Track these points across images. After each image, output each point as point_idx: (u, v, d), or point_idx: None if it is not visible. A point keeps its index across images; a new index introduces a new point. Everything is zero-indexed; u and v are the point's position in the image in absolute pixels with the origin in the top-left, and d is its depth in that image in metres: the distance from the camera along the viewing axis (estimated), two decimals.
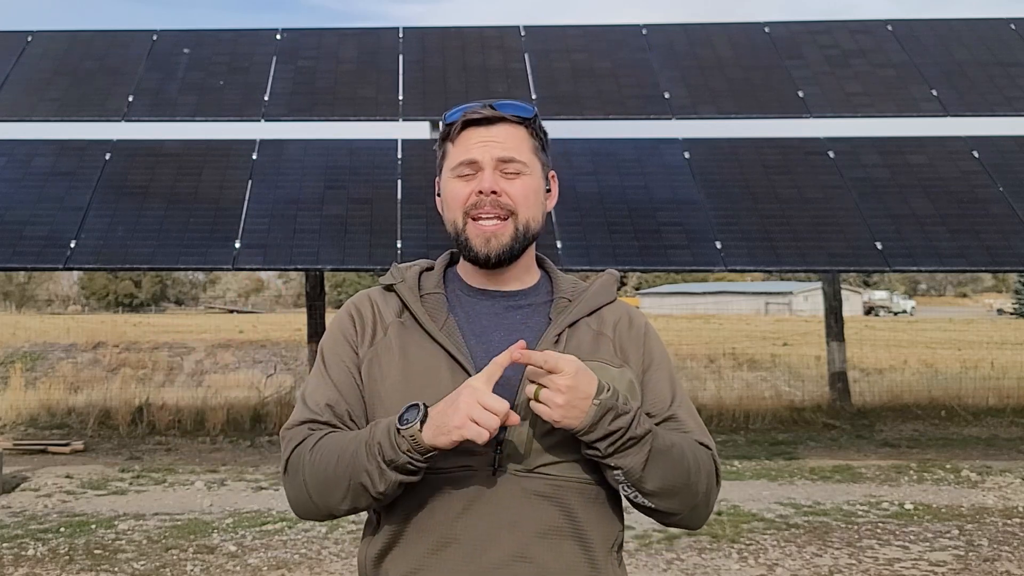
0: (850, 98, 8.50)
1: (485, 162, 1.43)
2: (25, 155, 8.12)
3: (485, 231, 1.43)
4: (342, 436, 1.38)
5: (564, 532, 1.37)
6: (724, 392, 12.24)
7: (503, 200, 1.43)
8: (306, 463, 1.38)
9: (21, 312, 43.28)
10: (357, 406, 1.44)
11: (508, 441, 1.36)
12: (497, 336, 1.44)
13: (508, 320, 1.47)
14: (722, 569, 5.05)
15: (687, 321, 36.20)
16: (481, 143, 1.44)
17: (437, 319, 1.45)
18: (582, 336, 1.46)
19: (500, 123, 1.45)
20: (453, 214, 1.46)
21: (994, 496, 6.85)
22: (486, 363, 1.33)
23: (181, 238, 7.31)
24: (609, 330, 1.49)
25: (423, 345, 1.43)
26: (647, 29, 9.49)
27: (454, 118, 1.47)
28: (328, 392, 1.44)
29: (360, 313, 1.50)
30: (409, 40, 9.34)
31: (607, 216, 7.43)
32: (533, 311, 1.49)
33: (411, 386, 1.39)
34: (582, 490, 1.39)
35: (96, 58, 9.12)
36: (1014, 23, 9.36)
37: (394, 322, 1.47)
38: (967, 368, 15.31)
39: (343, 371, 1.45)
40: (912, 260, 7.15)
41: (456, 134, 1.46)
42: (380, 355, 1.44)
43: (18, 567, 5.09)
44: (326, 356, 1.49)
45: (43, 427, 10.45)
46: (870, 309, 55.76)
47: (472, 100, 1.53)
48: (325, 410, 1.43)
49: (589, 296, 1.51)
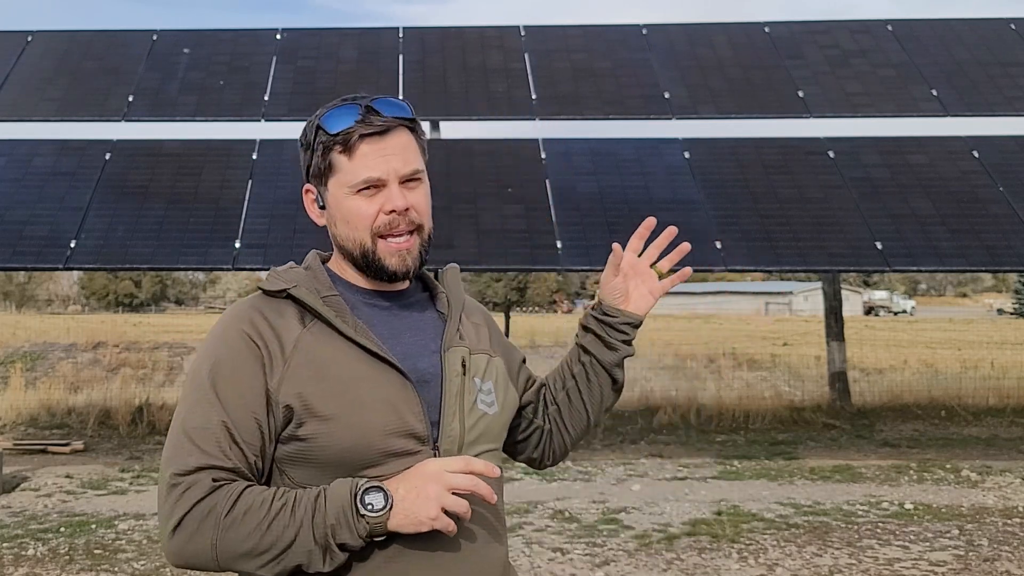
0: (850, 98, 8.50)
1: (390, 179, 1.37)
2: (25, 155, 8.12)
3: (399, 248, 1.39)
4: (260, 499, 1.25)
5: (491, 522, 1.40)
6: (724, 392, 12.23)
7: (411, 215, 1.39)
8: (222, 526, 1.24)
9: (21, 312, 43.29)
10: (255, 451, 1.30)
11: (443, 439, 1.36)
12: (407, 336, 1.42)
13: (409, 319, 1.44)
14: (722, 569, 5.05)
15: (687, 321, 36.21)
16: (382, 158, 1.37)
17: (347, 322, 1.36)
18: (468, 328, 1.49)
19: (393, 130, 1.38)
20: (359, 234, 1.38)
21: (994, 496, 6.85)
22: (412, 363, 1.37)
23: (181, 238, 7.31)
24: (480, 320, 1.56)
25: (343, 351, 1.34)
26: (647, 29, 9.49)
27: (341, 127, 1.38)
28: (226, 435, 1.28)
29: (258, 332, 1.33)
30: (409, 40, 9.34)
31: (607, 216, 7.44)
32: (422, 308, 1.48)
33: (349, 398, 1.30)
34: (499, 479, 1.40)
35: (96, 58, 9.12)
36: (1014, 23, 9.36)
37: (301, 333, 1.34)
38: (967, 368, 15.32)
39: (242, 412, 1.29)
40: (912, 260, 7.15)
41: (350, 148, 1.37)
42: (299, 372, 1.31)
43: (18, 567, 5.09)
44: (219, 390, 1.30)
45: (43, 427, 10.45)
46: (870, 309, 55.76)
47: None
48: (226, 457, 1.28)
49: (457, 290, 1.53)
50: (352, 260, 1.42)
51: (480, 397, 1.42)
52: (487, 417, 1.42)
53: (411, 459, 1.32)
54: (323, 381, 1.31)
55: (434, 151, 8.81)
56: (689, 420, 10.54)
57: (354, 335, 1.35)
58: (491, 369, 1.48)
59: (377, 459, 1.31)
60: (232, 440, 1.29)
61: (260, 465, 1.32)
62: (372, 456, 1.30)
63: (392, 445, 1.31)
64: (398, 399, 1.33)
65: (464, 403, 1.39)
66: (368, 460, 1.30)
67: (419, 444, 1.33)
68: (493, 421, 1.44)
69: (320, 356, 1.33)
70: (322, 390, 1.30)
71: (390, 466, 1.31)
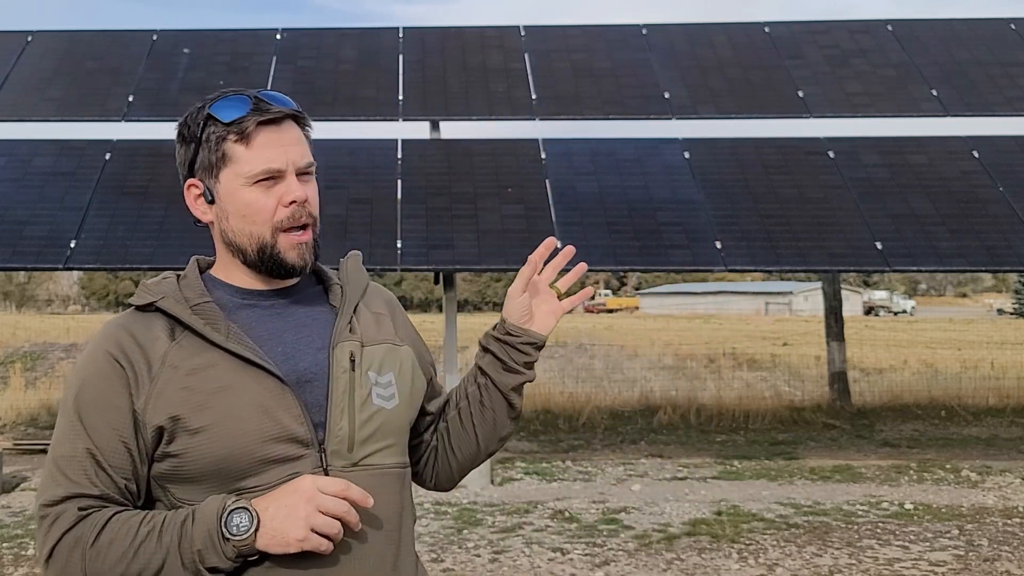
0: (850, 98, 8.50)
1: (288, 169, 1.33)
2: (25, 155, 8.12)
3: (300, 242, 1.34)
4: (127, 527, 1.24)
5: (395, 521, 1.36)
6: (724, 392, 12.24)
7: (308, 207, 1.36)
8: (89, 556, 1.23)
9: (21, 312, 43.29)
10: (126, 473, 1.28)
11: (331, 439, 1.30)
12: (290, 336, 1.35)
13: (294, 317, 1.38)
14: (722, 569, 5.05)
15: (687, 321, 36.22)
16: (280, 148, 1.33)
17: (219, 328, 1.30)
18: (366, 319, 1.43)
19: (286, 121, 1.35)
20: (258, 228, 1.33)
21: (994, 496, 6.85)
22: (293, 364, 1.31)
23: (181, 238, 7.31)
24: (384, 309, 1.48)
25: (213, 360, 1.28)
26: (647, 29, 9.49)
27: (236, 116, 1.33)
28: (91, 461, 1.26)
29: (123, 352, 1.29)
30: (409, 40, 9.34)
31: (607, 216, 7.43)
32: (311, 302, 1.41)
33: (220, 408, 1.26)
34: (399, 475, 1.38)
35: (96, 58, 9.12)
36: (1014, 23, 9.36)
37: (169, 348, 1.29)
38: (967, 368, 15.32)
39: (108, 436, 1.26)
40: (912, 260, 7.15)
41: (250, 136, 1.32)
42: (166, 389, 1.26)
43: (18, 567, 5.09)
44: (83, 416, 1.27)
45: (43, 427, 10.45)
46: (870, 309, 55.78)
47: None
48: (92, 484, 1.26)
49: (355, 279, 1.47)
50: (243, 257, 1.36)
51: (376, 391, 1.35)
52: (384, 412, 1.36)
53: (294, 464, 1.27)
54: (193, 393, 1.26)
55: (434, 151, 8.86)
56: (689, 420, 10.54)
57: (224, 342, 1.29)
58: (392, 360, 1.41)
59: (255, 467, 1.26)
60: (99, 466, 1.27)
61: (134, 488, 1.30)
62: (249, 465, 1.26)
63: (271, 451, 1.26)
64: (273, 403, 1.28)
65: (354, 399, 1.33)
66: (245, 469, 1.26)
67: (302, 448, 1.28)
68: (392, 415, 1.37)
69: (189, 368, 1.28)
70: (191, 403, 1.26)
71: (271, 473, 1.26)
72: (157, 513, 1.27)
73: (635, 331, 27.31)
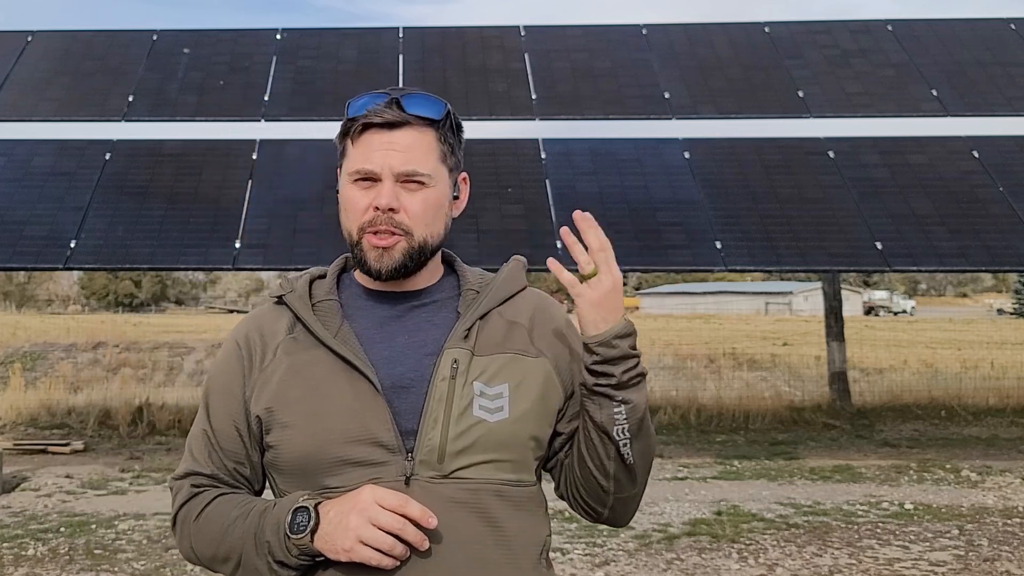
0: (850, 98, 8.50)
1: (384, 174, 1.31)
2: (25, 155, 8.12)
3: (378, 245, 1.32)
4: (223, 509, 1.31)
5: (486, 539, 1.27)
6: (724, 392, 12.23)
7: (399, 218, 1.31)
8: (192, 531, 1.33)
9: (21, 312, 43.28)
10: (237, 457, 1.35)
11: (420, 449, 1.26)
12: (402, 339, 1.34)
13: (412, 321, 1.36)
14: (722, 569, 5.05)
15: (687, 321, 36.22)
16: (382, 151, 1.31)
17: (330, 327, 1.33)
18: (494, 327, 1.36)
19: (405, 126, 1.32)
20: (349, 224, 1.34)
21: (994, 496, 6.85)
22: (391, 369, 1.30)
23: (181, 238, 7.31)
24: (524, 319, 1.38)
25: (318, 357, 1.31)
26: (647, 29, 9.49)
27: (357, 112, 1.33)
28: (207, 442, 1.36)
29: (247, 339, 1.37)
30: (409, 40, 9.34)
31: (607, 216, 7.42)
32: (439, 308, 1.38)
33: (310, 405, 1.28)
34: (502, 492, 1.29)
35: (96, 58, 9.12)
36: (1014, 23, 9.36)
37: (285, 339, 1.35)
38: (967, 368, 15.32)
39: (223, 418, 1.35)
40: (912, 260, 7.15)
41: (356, 134, 1.33)
42: (272, 379, 1.32)
43: (18, 567, 5.09)
44: (209, 399, 1.38)
45: (43, 427, 10.45)
46: (870, 309, 55.75)
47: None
48: (207, 463, 1.36)
49: (499, 284, 1.41)
50: (351, 253, 1.38)
51: (479, 402, 1.29)
52: (484, 425, 1.28)
53: (378, 469, 1.26)
54: (289, 388, 1.30)
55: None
56: (689, 420, 10.54)
57: (330, 341, 1.31)
58: (512, 371, 1.33)
59: (337, 468, 1.26)
60: (212, 448, 1.35)
61: (247, 471, 1.36)
62: (330, 464, 1.26)
63: (352, 454, 1.26)
64: (361, 406, 1.27)
65: (452, 409, 1.28)
66: (326, 468, 1.26)
67: (387, 453, 1.26)
68: (496, 429, 1.29)
69: (295, 362, 1.32)
70: (286, 397, 1.30)
71: (353, 475, 1.26)
72: (251, 500, 1.32)
73: None
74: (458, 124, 1.40)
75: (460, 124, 1.41)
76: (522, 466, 1.32)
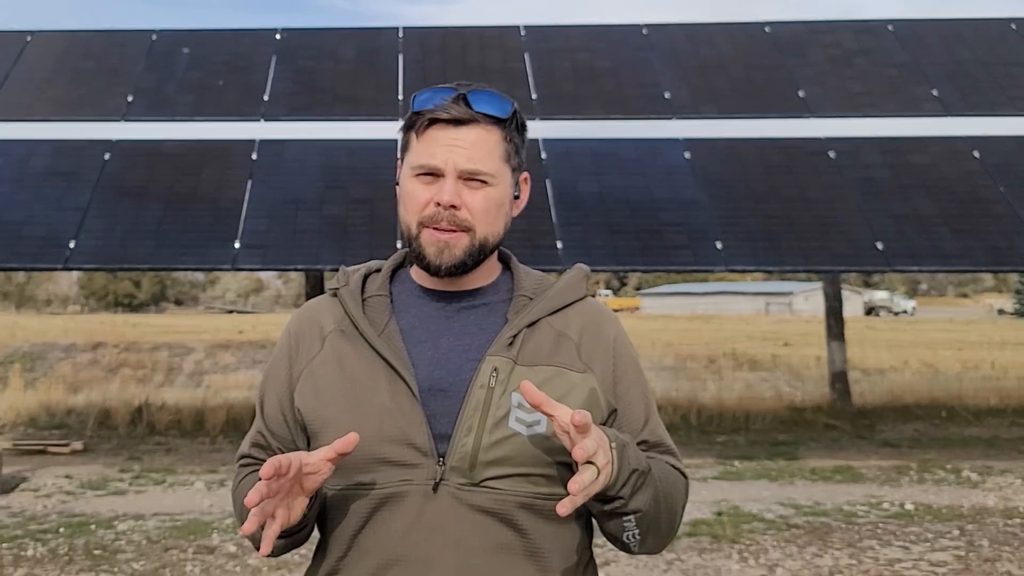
0: (852, 98, 8.49)
1: (448, 170, 1.30)
2: (24, 155, 8.11)
3: (439, 240, 1.31)
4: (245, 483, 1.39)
5: (515, 550, 1.26)
6: (724, 392, 12.22)
7: (461, 215, 1.30)
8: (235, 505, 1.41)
9: (20, 312, 43.28)
10: (285, 442, 1.38)
11: (452, 454, 1.26)
12: (447, 341, 1.33)
13: (459, 322, 1.35)
14: (722, 569, 5.04)
15: (687, 321, 36.23)
16: (446, 147, 1.30)
17: (377, 324, 1.34)
18: (542, 337, 1.33)
19: (471, 123, 1.31)
20: (408, 217, 1.33)
21: (995, 496, 6.83)
22: (432, 371, 1.29)
23: (180, 238, 7.30)
24: (574, 332, 1.36)
25: (362, 354, 1.32)
26: (648, 29, 9.48)
27: (423, 107, 1.32)
28: (259, 425, 1.42)
29: (299, 329, 1.40)
30: (409, 40, 9.33)
31: (608, 216, 7.42)
32: (489, 311, 1.37)
33: (349, 401, 1.29)
34: (532, 505, 1.27)
35: (95, 58, 9.11)
36: (1016, 23, 9.35)
37: (333, 331, 1.36)
38: (968, 368, 15.32)
39: (273, 403, 1.39)
40: (914, 260, 7.14)
41: (422, 129, 1.32)
42: (316, 371, 1.34)
43: (18, 567, 5.08)
44: (265, 382, 1.43)
45: (43, 427, 10.44)
46: (871, 309, 55.75)
47: None
48: (255, 446, 1.42)
49: (553, 293, 1.39)
50: (408, 247, 1.37)
51: (516, 414, 1.26)
52: (518, 438, 1.26)
53: (410, 470, 1.26)
54: (331, 382, 1.32)
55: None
56: (689, 420, 10.52)
57: (373, 339, 1.32)
58: (557, 385, 1.29)
59: (370, 465, 1.27)
60: (261, 431, 1.42)
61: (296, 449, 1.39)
62: (363, 461, 1.26)
63: (385, 452, 1.26)
64: (397, 407, 1.28)
65: (487, 418, 1.26)
66: (360, 465, 1.27)
67: (420, 455, 1.26)
68: (530, 443, 1.26)
69: (340, 357, 1.34)
70: (328, 392, 1.32)
71: (385, 474, 1.26)
72: None
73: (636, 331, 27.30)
74: (523, 123, 1.38)
75: (525, 124, 1.39)
76: (556, 481, 1.28)
